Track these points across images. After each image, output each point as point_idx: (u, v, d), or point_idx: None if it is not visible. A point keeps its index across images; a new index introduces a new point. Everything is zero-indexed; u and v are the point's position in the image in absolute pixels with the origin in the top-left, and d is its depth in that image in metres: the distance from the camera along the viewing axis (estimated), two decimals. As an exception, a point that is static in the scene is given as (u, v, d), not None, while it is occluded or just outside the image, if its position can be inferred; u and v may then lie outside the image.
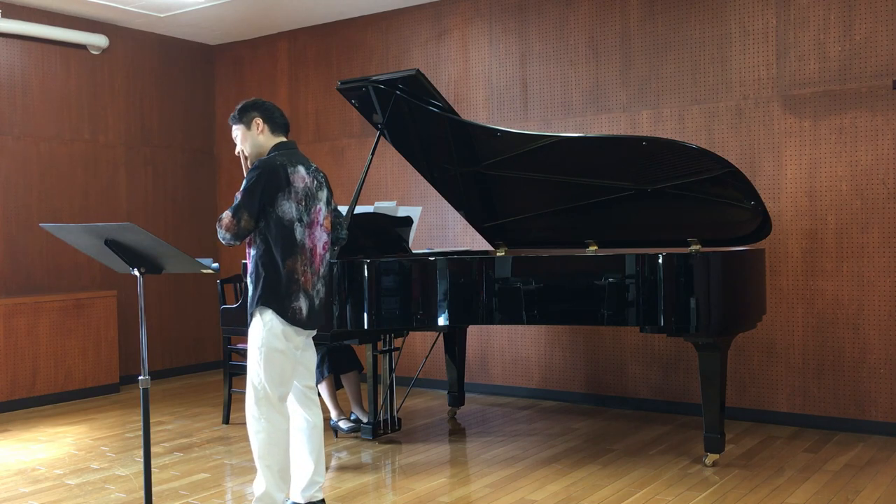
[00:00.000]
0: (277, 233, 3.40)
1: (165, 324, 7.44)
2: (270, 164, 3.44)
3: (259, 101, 3.63)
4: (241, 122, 3.58)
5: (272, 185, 3.39)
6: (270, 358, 3.43)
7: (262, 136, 3.57)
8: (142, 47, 7.33)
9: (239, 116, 3.59)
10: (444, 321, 4.57)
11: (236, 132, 3.61)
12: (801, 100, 5.17)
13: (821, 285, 5.13)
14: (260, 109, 3.59)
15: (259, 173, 3.40)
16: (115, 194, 7.14)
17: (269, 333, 3.42)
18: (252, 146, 3.57)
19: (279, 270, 3.41)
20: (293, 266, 3.43)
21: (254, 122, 3.56)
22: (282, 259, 3.41)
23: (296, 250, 3.44)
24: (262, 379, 3.43)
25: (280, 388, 3.46)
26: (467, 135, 4.95)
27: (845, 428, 5.05)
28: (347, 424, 5.07)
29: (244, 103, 3.63)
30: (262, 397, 3.44)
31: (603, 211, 4.87)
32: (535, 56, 6.13)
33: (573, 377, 6.03)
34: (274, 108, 3.62)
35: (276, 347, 3.43)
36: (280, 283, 3.41)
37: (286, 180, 3.42)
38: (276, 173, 3.41)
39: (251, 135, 3.57)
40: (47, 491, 4.21)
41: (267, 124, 3.57)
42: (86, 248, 3.34)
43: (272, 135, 3.59)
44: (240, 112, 3.60)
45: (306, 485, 3.63)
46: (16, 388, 6.12)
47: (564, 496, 3.97)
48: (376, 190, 6.85)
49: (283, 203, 3.41)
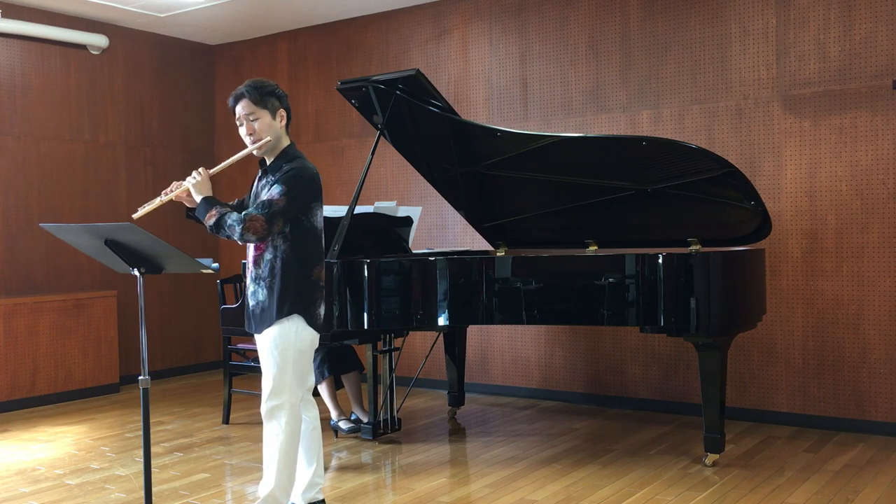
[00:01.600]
0: (308, 241, 3.35)
1: (165, 324, 7.44)
2: (310, 172, 3.33)
3: (277, 87, 3.39)
4: (263, 107, 3.33)
5: (311, 194, 3.33)
6: (299, 362, 3.39)
7: (283, 130, 3.39)
8: (142, 47, 7.33)
9: (261, 98, 3.32)
10: (444, 321, 4.57)
11: (254, 115, 3.32)
12: (801, 100, 5.17)
13: (821, 285, 5.13)
14: (283, 101, 3.38)
15: (304, 183, 3.28)
16: (115, 194, 7.14)
17: (297, 339, 3.36)
18: (275, 138, 3.36)
19: (308, 278, 3.36)
20: (319, 273, 3.41)
21: (279, 112, 3.37)
22: (311, 267, 3.37)
23: (321, 258, 3.43)
24: (288, 382, 3.37)
25: (301, 391, 3.44)
26: (467, 135, 4.95)
27: (845, 428, 5.05)
28: (348, 424, 5.07)
29: (263, 83, 3.35)
30: (286, 400, 3.38)
31: (603, 211, 4.87)
32: (535, 56, 6.13)
33: (573, 377, 6.03)
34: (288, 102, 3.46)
35: (304, 352, 3.40)
36: (309, 292, 3.37)
37: (320, 190, 3.38)
38: (315, 182, 3.34)
39: (275, 125, 3.35)
40: (47, 491, 4.21)
41: (287, 120, 3.42)
42: (86, 248, 3.34)
43: (286, 132, 3.44)
44: (261, 93, 3.33)
45: (306, 486, 3.62)
46: (16, 388, 6.12)
47: (564, 496, 3.97)
48: (376, 190, 6.85)
49: (317, 212, 3.38)
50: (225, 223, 3.24)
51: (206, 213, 3.28)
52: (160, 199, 3.33)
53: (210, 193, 3.35)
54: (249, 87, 3.33)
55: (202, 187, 3.33)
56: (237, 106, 3.36)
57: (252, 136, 3.35)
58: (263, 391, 3.42)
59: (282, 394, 3.38)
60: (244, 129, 3.36)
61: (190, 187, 3.32)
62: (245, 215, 3.21)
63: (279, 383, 3.38)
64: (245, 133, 3.37)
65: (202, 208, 3.30)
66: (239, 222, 3.21)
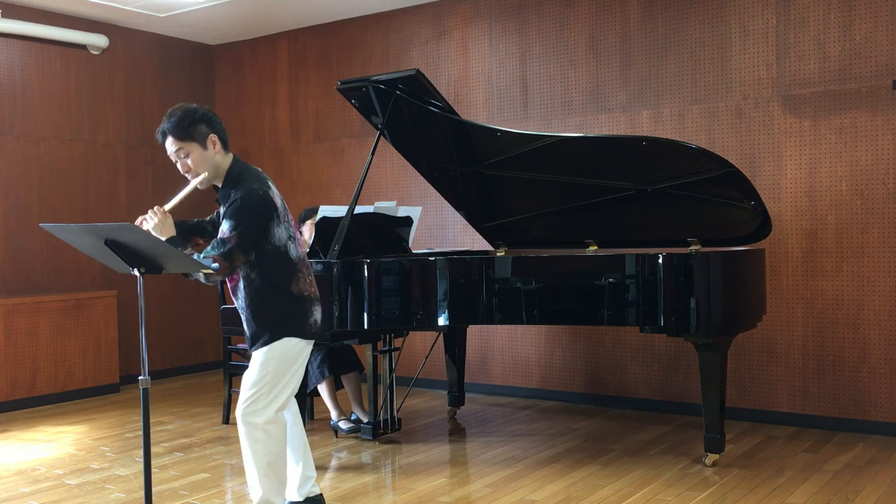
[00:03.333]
0: (275, 261, 3.24)
1: (165, 324, 7.44)
2: (255, 196, 3.14)
3: (201, 110, 3.19)
4: (191, 140, 3.15)
5: (264, 218, 3.17)
6: (281, 374, 3.32)
7: (219, 155, 3.21)
8: (142, 47, 7.33)
9: (185, 131, 3.13)
10: (444, 321, 4.57)
11: (184, 150, 3.16)
12: (801, 100, 5.17)
13: (821, 285, 5.13)
14: (211, 124, 3.19)
15: (251, 213, 3.13)
16: (115, 194, 7.14)
17: (284, 351, 3.29)
18: (212, 168, 3.20)
19: (288, 297, 3.28)
20: (299, 286, 3.31)
21: (209, 139, 3.18)
22: (286, 285, 3.28)
23: (294, 270, 3.30)
24: (266, 394, 3.30)
25: (283, 400, 3.36)
26: (467, 135, 4.95)
27: (845, 428, 5.05)
28: (347, 424, 5.07)
29: (184, 113, 3.15)
30: (260, 409, 3.30)
31: (603, 211, 4.87)
32: (535, 56, 6.13)
33: (573, 377, 6.03)
34: (218, 118, 3.26)
35: (291, 363, 3.34)
36: (293, 309, 3.29)
37: (274, 206, 3.20)
38: (264, 204, 3.16)
39: (208, 155, 3.18)
40: (47, 491, 4.21)
41: (221, 141, 3.22)
42: (86, 248, 3.33)
43: (225, 152, 3.24)
44: (184, 126, 3.14)
45: (300, 482, 3.61)
46: (16, 388, 6.12)
47: (564, 496, 3.97)
48: (376, 190, 6.85)
49: (275, 230, 3.22)
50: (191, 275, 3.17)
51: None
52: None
53: (173, 233, 3.23)
54: (171, 123, 3.17)
55: (162, 228, 3.20)
56: (165, 143, 3.23)
57: (189, 172, 3.24)
58: (240, 398, 3.34)
59: (258, 400, 3.30)
60: (180, 166, 3.25)
61: (150, 231, 3.16)
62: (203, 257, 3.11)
63: (257, 393, 3.30)
64: (182, 170, 3.26)
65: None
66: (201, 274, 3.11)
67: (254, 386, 3.30)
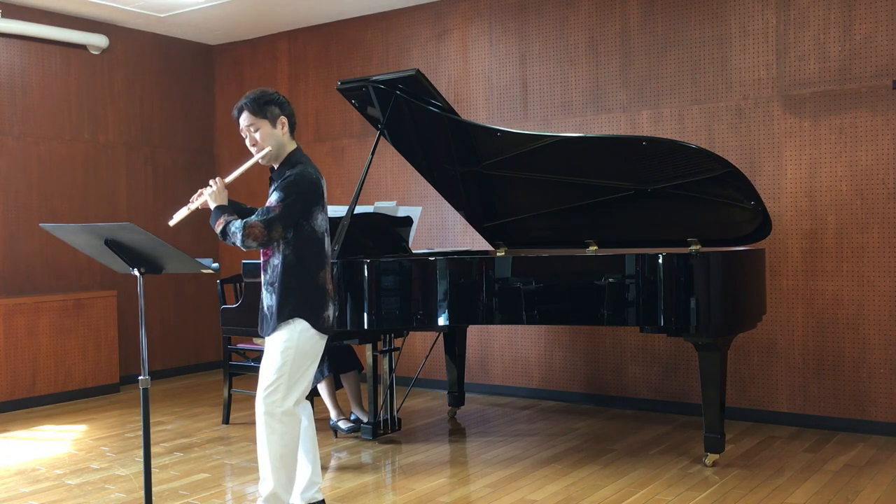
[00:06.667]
0: (311, 245, 3.39)
1: (165, 324, 7.44)
2: (309, 178, 3.36)
3: (277, 94, 3.44)
4: (263, 117, 3.39)
5: (310, 199, 3.36)
6: (299, 364, 3.40)
7: (285, 137, 3.43)
8: (142, 47, 7.33)
9: (260, 108, 3.38)
10: (444, 321, 4.57)
11: (255, 126, 3.39)
12: (801, 100, 5.17)
13: (821, 285, 5.13)
14: (283, 108, 3.43)
15: (301, 189, 3.32)
16: (115, 194, 7.14)
17: (301, 341, 3.38)
18: (276, 146, 3.42)
19: (313, 282, 3.40)
20: (325, 277, 3.44)
21: (279, 120, 3.41)
22: (316, 271, 3.40)
23: (326, 260, 3.45)
24: (285, 383, 3.38)
25: (299, 393, 3.43)
26: (467, 135, 4.95)
27: (845, 428, 5.05)
28: (347, 424, 5.07)
29: (262, 93, 3.41)
30: (280, 399, 3.38)
31: (603, 211, 4.87)
32: (535, 56, 6.13)
33: (573, 377, 6.03)
34: (290, 106, 3.49)
35: (307, 354, 3.41)
36: (314, 295, 3.40)
37: (321, 193, 3.40)
38: (315, 187, 3.36)
39: (276, 134, 3.40)
40: (47, 491, 4.21)
41: (289, 125, 3.45)
42: (86, 248, 3.34)
43: (291, 137, 3.48)
44: (260, 103, 3.39)
45: (306, 485, 3.63)
46: (16, 388, 6.12)
47: (564, 496, 3.97)
48: (376, 190, 6.85)
49: (318, 216, 3.40)
50: (229, 230, 3.33)
51: (216, 222, 3.39)
52: (188, 209, 3.43)
53: (224, 202, 3.43)
54: (249, 99, 3.40)
55: (217, 196, 3.43)
56: (240, 118, 3.44)
57: (255, 146, 3.44)
58: (260, 387, 3.42)
59: (275, 393, 3.39)
60: (248, 140, 3.45)
61: (206, 197, 3.42)
62: (245, 222, 3.30)
63: (274, 382, 3.39)
64: (249, 144, 3.45)
65: (213, 217, 3.40)
66: (240, 229, 3.29)
67: (277, 371, 3.38)
